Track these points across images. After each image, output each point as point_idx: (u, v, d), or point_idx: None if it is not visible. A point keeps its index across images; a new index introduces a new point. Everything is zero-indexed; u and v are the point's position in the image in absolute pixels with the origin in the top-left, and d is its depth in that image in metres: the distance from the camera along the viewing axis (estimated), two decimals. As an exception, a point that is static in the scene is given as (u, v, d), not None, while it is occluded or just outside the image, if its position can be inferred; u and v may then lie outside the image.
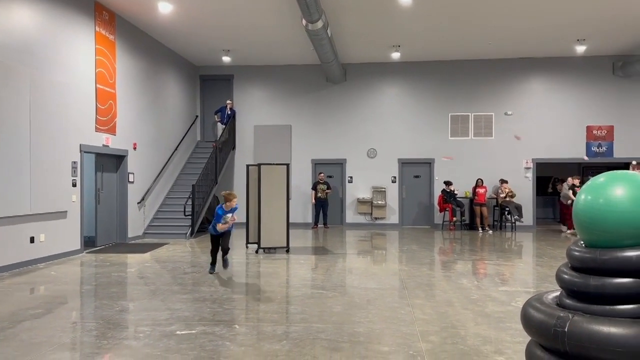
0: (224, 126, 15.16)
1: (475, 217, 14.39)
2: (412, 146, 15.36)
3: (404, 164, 15.45)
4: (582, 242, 2.93)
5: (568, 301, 2.84)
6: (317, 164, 15.67)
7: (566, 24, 11.83)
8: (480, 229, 14.16)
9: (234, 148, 15.73)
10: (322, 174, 14.99)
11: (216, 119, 15.58)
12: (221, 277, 7.36)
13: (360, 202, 15.37)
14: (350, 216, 15.54)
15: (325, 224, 14.95)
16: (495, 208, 14.72)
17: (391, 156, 15.44)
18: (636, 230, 2.63)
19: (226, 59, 14.62)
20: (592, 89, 14.72)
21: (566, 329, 2.60)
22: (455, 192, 14.55)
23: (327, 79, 15.36)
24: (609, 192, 2.72)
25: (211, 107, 15.96)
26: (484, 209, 14.27)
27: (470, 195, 14.71)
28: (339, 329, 4.69)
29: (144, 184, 12.51)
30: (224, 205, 7.47)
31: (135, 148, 12.07)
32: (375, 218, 15.38)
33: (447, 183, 14.53)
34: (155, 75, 13.30)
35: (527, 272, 7.96)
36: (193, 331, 4.67)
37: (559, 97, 14.87)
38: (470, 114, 15.17)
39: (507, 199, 14.28)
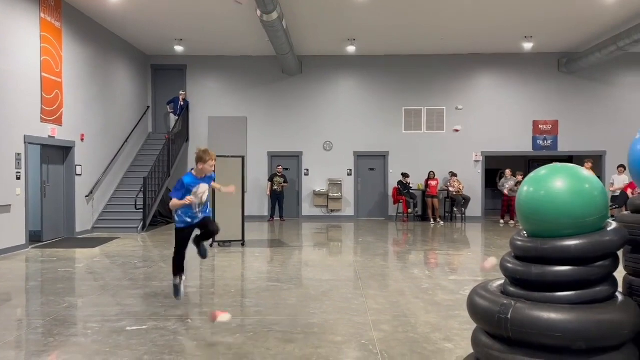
0: (177, 117, 14.84)
1: (427, 209, 14.73)
2: (368, 139, 15.52)
3: (359, 156, 15.61)
4: (525, 232, 3.06)
5: (511, 289, 2.96)
6: (273, 157, 15.60)
7: (514, 21, 12.22)
8: (432, 220, 14.51)
9: (187, 140, 15.43)
10: (280, 167, 14.94)
11: (168, 109, 15.22)
12: (174, 271, 7.22)
13: (317, 194, 15.43)
14: (307, 209, 15.59)
15: (281, 216, 14.93)
16: (447, 200, 15.11)
17: (347, 149, 15.56)
18: (574, 221, 2.77)
19: (179, 48, 14.29)
20: (538, 85, 15.30)
21: (509, 316, 2.72)
22: (410, 184, 14.85)
23: (283, 70, 15.28)
24: (550, 185, 2.85)
25: (163, 98, 15.57)
26: (436, 201, 14.63)
27: (422, 187, 15.03)
28: (293, 321, 4.71)
29: (92, 177, 12.10)
30: (193, 171, 4.98)
31: (82, 139, 11.64)
32: (332, 210, 15.49)
33: (405, 175, 14.80)
34: (104, 64, 12.85)
35: (475, 262, 8.23)
36: (144, 326, 4.58)
37: (507, 92, 15.37)
38: (423, 108, 15.47)
39: (455, 193, 14.70)
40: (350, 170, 15.59)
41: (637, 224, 2.97)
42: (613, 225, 2.86)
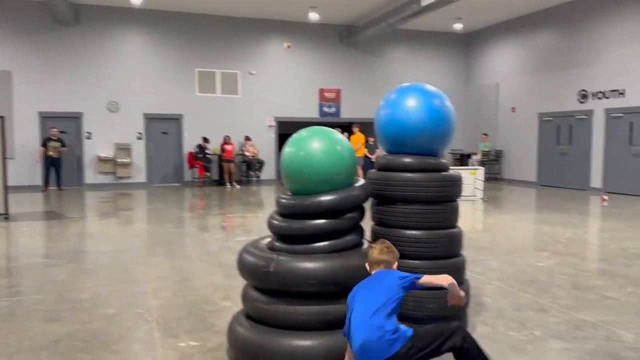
0: None
1: (224, 173, 14.79)
2: (159, 101, 14.72)
3: (150, 119, 14.76)
4: (288, 191, 3.25)
5: (277, 244, 3.15)
6: (46, 118, 13.75)
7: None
8: (228, 184, 14.63)
9: None
10: (54, 129, 13.24)
11: None
12: None
13: (102, 160, 14.19)
14: (91, 176, 14.24)
15: (59, 185, 13.36)
16: (243, 164, 15.36)
17: (136, 111, 14.55)
18: (328, 178, 3.03)
19: None
20: (323, 55, 16.31)
21: (272, 269, 2.88)
22: (207, 149, 14.67)
23: (54, 19, 13.38)
24: (308, 146, 3.06)
25: None
26: (232, 165, 14.75)
27: (219, 152, 14.98)
28: (60, 298, 4.29)
29: None
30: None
31: None
32: (120, 177, 14.44)
33: (205, 140, 14.54)
34: None
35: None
36: None
37: (297, 59, 16.06)
38: (216, 70, 15.26)
39: (251, 157, 15.06)
40: (141, 133, 14.68)
41: (380, 180, 3.40)
42: (360, 181, 3.22)
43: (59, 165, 13.24)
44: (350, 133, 14.12)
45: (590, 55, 13.09)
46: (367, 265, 2.79)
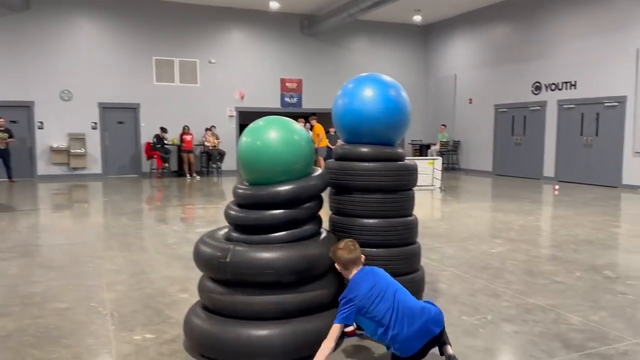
0: None
1: (183, 164, 14.54)
2: (115, 90, 14.28)
3: (105, 108, 14.32)
4: (246, 182, 3.23)
5: (234, 234, 3.13)
6: (-6, 107, 13.16)
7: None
8: (188, 175, 14.39)
9: None
10: (1, 119, 12.67)
11: None
12: None
13: (55, 151, 13.69)
14: (43, 167, 13.73)
15: (9, 177, 12.81)
16: (203, 154, 15.13)
17: (90, 100, 14.08)
18: (285, 168, 3.03)
19: None
20: (284, 44, 16.18)
21: (228, 259, 2.86)
22: (166, 139, 14.37)
23: (1, 4, 12.73)
24: (265, 135, 3.05)
25: None
26: (191, 156, 14.52)
27: (177, 142, 14.70)
28: (10, 292, 4.14)
29: None
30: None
31: None
32: (74, 168, 13.99)
33: (163, 130, 14.22)
34: None
35: (224, 213, 8.50)
36: None
37: (257, 49, 15.88)
38: (175, 59, 14.92)
39: (212, 147, 14.83)
40: (96, 123, 14.23)
41: (338, 170, 3.42)
42: (318, 171, 3.22)
43: (7, 156, 12.68)
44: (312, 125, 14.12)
45: (544, 48, 13.50)
46: (339, 267, 2.92)
